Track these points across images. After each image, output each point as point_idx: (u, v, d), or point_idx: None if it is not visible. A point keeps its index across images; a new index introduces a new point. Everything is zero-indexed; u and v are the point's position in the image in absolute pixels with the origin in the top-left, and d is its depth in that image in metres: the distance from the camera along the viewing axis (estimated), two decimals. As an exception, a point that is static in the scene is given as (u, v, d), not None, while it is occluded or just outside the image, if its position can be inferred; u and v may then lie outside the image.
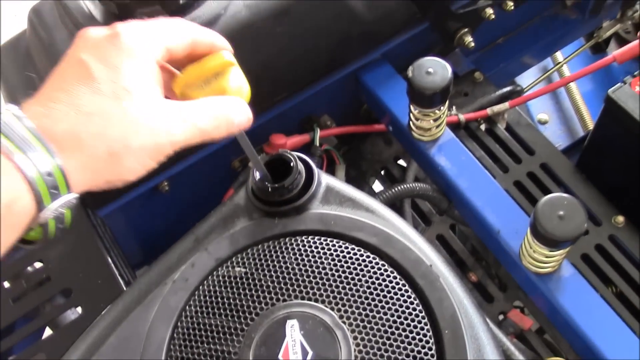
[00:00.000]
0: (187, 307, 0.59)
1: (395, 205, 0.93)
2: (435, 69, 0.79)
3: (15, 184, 0.42)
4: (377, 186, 1.04)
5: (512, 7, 0.98)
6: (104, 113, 0.46)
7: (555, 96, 1.39)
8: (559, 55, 1.35)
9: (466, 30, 0.98)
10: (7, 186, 0.42)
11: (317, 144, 0.95)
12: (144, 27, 0.51)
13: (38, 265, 0.84)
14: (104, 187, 0.48)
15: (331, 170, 0.98)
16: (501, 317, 0.86)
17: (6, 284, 0.82)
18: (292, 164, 0.64)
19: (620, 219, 0.87)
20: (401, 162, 1.04)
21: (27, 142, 0.43)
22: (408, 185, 0.86)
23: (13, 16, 2.71)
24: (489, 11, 0.96)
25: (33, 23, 0.83)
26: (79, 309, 0.78)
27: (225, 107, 0.52)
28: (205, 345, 0.56)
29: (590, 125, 1.30)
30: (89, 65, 0.47)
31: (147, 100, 0.48)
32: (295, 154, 0.66)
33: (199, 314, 0.58)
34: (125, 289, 0.76)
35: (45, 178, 0.43)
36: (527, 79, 1.36)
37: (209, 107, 0.51)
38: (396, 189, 0.85)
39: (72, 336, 0.62)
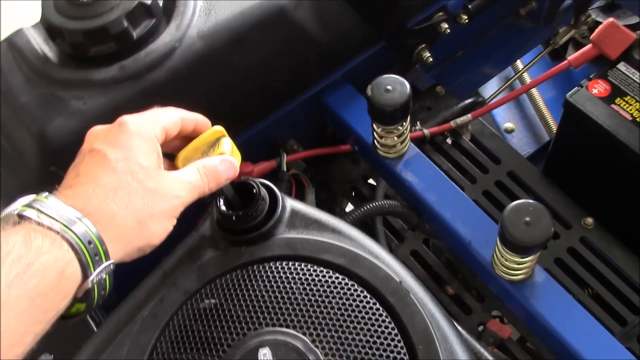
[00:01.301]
0: (158, 344, 0.58)
1: (367, 224, 0.92)
2: (393, 86, 0.79)
3: (64, 253, 0.48)
4: (349, 207, 1.04)
5: (467, 20, 0.99)
6: (125, 187, 0.53)
7: (519, 105, 1.41)
8: (520, 63, 1.37)
9: (424, 46, 0.99)
10: (58, 256, 0.47)
11: (285, 169, 0.94)
12: (144, 114, 0.59)
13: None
14: (136, 256, 0.55)
15: (301, 194, 0.98)
16: (481, 328, 0.86)
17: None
18: (255, 191, 0.64)
19: (590, 220, 0.88)
20: (371, 180, 1.05)
21: (68, 219, 0.49)
22: (377, 203, 0.86)
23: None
24: (444, 26, 0.97)
25: (-12, 69, 0.82)
26: (52, 356, 0.76)
27: (213, 165, 0.60)
28: (179, 381, 0.55)
29: (555, 129, 1.31)
30: (103, 151, 0.55)
31: (156, 172, 0.56)
32: (258, 180, 0.65)
33: (171, 350, 0.57)
34: (95, 329, 0.75)
35: (87, 246, 0.49)
36: (490, 89, 1.38)
37: (200, 166, 0.60)
38: (365, 207, 0.85)
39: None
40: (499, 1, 1.02)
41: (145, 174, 0.55)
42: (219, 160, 0.61)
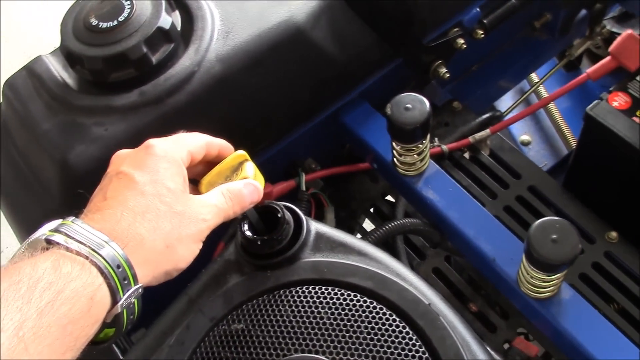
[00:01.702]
0: (186, 372, 0.58)
1: (387, 242, 0.92)
2: (413, 104, 0.79)
3: (93, 279, 0.47)
4: (368, 224, 1.03)
5: (482, 35, 0.99)
6: (153, 211, 0.53)
7: (535, 117, 1.40)
8: (535, 76, 1.36)
9: (440, 62, 0.99)
10: (88, 282, 0.47)
11: (304, 189, 0.94)
12: (170, 138, 0.59)
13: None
14: (163, 280, 0.55)
15: (320, 213, 0.97)
16: (506, 345, 0.85)
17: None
18: (279, 215, 0.63)
19: (614, 234, 0.87)
20: (390, 197, 1.04)
21: (97, 243, 0.49)
22: (398, 222, 0.86)
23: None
24: (460, 41, 0.97)
25: (8, 97, 0.82)
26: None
27: (237, 189, 0.60)
28: (208, 410, 0.55)
29: (573, 142, 1.31)
30: (130, 174, 0.55)
31: (183, 195, 0.56)
32: (282, 203, 0.65)
33: (199, 378, 0.57)
34: (121, 357, 0.75)
35: (116, 270, 0.49)
36: (505, 102, 1.37)
37: (224, 190, 0.60)
38: (387, 227, 0.84)
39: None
40: (514, 15, 1.02)
41: (172, 197, 0.55)
42: (243, 184, 0.61)
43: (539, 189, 0.93)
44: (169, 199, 0.55)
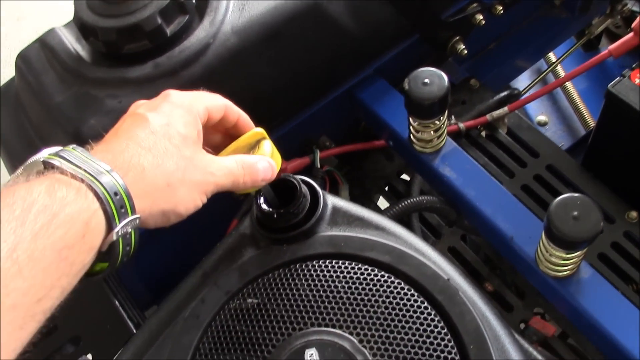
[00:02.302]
0: (201, 345, 0.57)
1: (402, 220, 0.91)
2: (431, 79, 0.77)
3: (89, 204, 0.46)
4: (382, 203, 1.02)
5: (502, 11, 0.97)
6: (160, 149, 0.52)
7: (552, 97, 1.38)
8: (552, 55, 1.34)
9: (458, 38, 0.97)
10: (83, 207, 0.46)
11: (318, 166, 0.93)
12: (189, 92, 0.59)
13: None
14: (159, 221, 0.53)
15: (334, 191, 0.96)
16: (522, 325, 0.84)
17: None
18: (296, 188, 0.62)
19: (634, 214, 0.86)
20: (404, 176, 1.03)
21: (95, 169, 0.48)
22: (415, 199, 0.85)
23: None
24: (479, 17, 0.95)
25: (21, 69, 0.81)
26: (90, 356, 0.76)
27: (252, 161, 0.59)
28: (223, 383, 0.54)
29: (591, 122, 1.29)
30: (144, 114, 0.54)
31: (195, 144, 0.56)
32: (299, 177, 0.64)
33: (214, 351, 0.56)
34: (135, 331, 0.74)
35: (113, 197, 0.47)
36: (522, 82, 1.35)
37: (239, 158, 0.59)
38: (403, 204, 0.83)
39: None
40: (534, -9, 1.00)
41: (183, 142, 0.54)
42: (258, 158, 0.60)
43: (558, 168, 0.92)
44: (178, 142, 0.54)
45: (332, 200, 0.64)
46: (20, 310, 0.41)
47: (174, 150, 0.53)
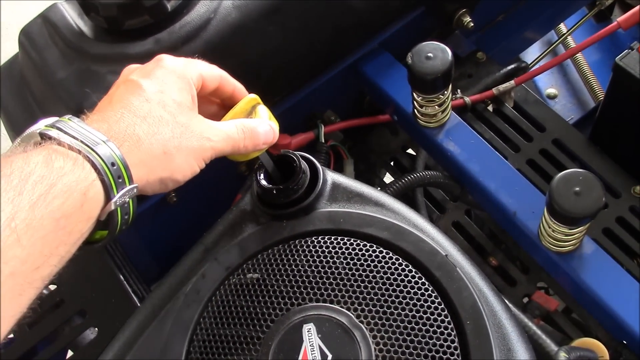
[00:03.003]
0: (202, 320, 0.58)
1: (407, 195, 0.91)
2: (434, 54, 0.77)
3: (87, 174, 0.46)
4: (388, 178, 1.02)
5: (509, -18, 0.96)
6: (155, 117, 0.52)
7: (562, 69, 1.36)
8: (563, 27, 1.32)
9: (464, 10, 0.96)
10: (81, 177, 0.46)
11: (323, 141, 0.93)
12: (183, 58, 0.59)
13: (52, 287, 0.83)
14: (157, 188, 0.54)
15: (339, 166, 0.96)
16: (526, 299, 0.84)
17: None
18: (295, 164, 0.62)
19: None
20: (410, 151, 1.03)
21: (92, 140, 0.48)
22: (418, 174, 0.84)
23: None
24: (486, -12, 0.94)
25: (24, 45, 0.82)
26: (95, 329, 0.77)
27: (252, 125, 0.60)
28: (223, 356, 0.55)
29: (601, 95, 1.27)
30: (138, 81, 0.54)
31: (190, 111, 0.55)
32: (299, 153, 0.64)
33: (214, 325, 0.57)
34: (139, 305, 0.75)
35: (110, 168, 0.48)
36: (532, 54, 1.33)
37: (239, 122, 0.59)
38: (406, 179, 0.83)
39: (91, 356, 0.61)
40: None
41: (177, 108, 0.54)
42: (259, 122, 0.61)
43: (564, 142, 0.91)
44: (173, 109, 0.54)
45: (331, 177, 0.65)
46: (19, 278, 0.42)
47: (169, 117, 0.53)
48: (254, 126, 0.60)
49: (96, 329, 0.78)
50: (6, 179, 0.43)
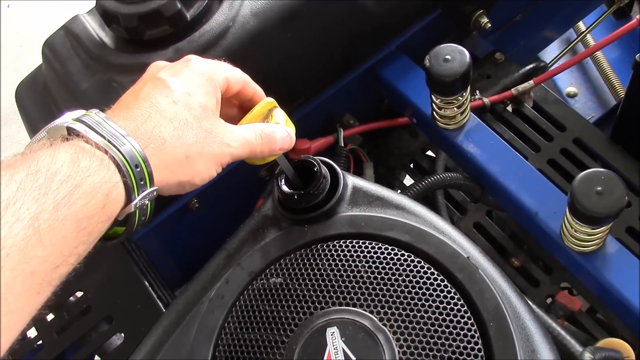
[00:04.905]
0: (226, 325, 0.59)
1: (427, 197, 0.91)
2: (452, 56, 0.77)
3: (111, 175, 0.47)
4: (408, 180, 1.02)
5: (527, -18, 0.95)
6: (181, 119, 0.53)
7: (582, 68, 1.35)
8: (582, 25, 1.31)
9: (481, 11, 0.96)
10: (105, 178, 0.46)
11: (342, 144, 0.93)
12: (210, 60, 0.59)
13: (79, 294, 0.84)
14: (174, 191, 0.54)
15: (359, 170, 0.97)
16: (549, 300, 0.83)
17: (50, 317, 0.83)
18: (315, 169, 0.63)
19: (663, 186, 0.84)
20: (430, 153, 1.03)
21: (118, 139, 0.47)
22: (438, 176, 0.84)
23: (6, 7, 2.75)
24: (503, -11, 0.94)
25: (47, 57, 0.83)
26: (122, 335, 0.79)
27: (270, 129, 0.60)
28: (247, 361, 0.56)
29: (621, 92, 1.25)
30: (166, 80, 0.54)
31: (213, 115, 0.56)
32: (319, 158, 0.65)
33: (238, 330, 0.58)
34: (164, 311, 0.76)
35: (134, 170, 0.48)
36: (550, 53, 1.33)
37: (257, 127, 0.60)
38: (426, 181, 0.83)
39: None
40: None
41: (202, 112, 0.54)
42: (276, 127, 0.61)
43: (585, 141, 0.91)
44: (199, 113, 0.54)
45: (352, 181, 0.65)
46: (39, 277, 0.42)
47: (194, 121, 0.53)
48: (272, 131, 0.60)
49: (122, 334, 0.79)
50: (32, 176, 0.43)
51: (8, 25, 2.81)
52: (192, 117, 0.53)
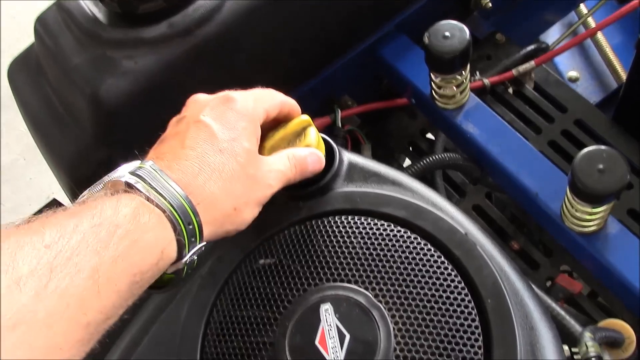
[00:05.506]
0: (218, 302, 0.58)
1: (426, 178, 0.89)
2: (452, 32, 0.75)
3: (167, 233, 0.48)
4: (407, 163, 1.01)
5: (528, -39, 0.94)
6: (228, 171, 0.52)
7: (584, 52, 1.33)
8: (583, 7, 1.29)
9: (482, -10, 0.94)
10: (161, 236, 0.47)
11: (340, 125, 0.92)
12: (250, 94, 0.58)
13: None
14: (219, 237, 0.54)
15: (357, 151, 0.95)
16: (549, 283, 0.82)
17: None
18: (311, 145, 0.61)
19: (666, 168, 0.83)
20: (429, 135, 1.01)
21: (174, 197, 0.48)
22: (437, 156, 0.83)
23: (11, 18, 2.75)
24: (504, -32, 0.92)
25: (39, 33, 0.82)
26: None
27: (302, 156, 0.59)
28: (239, 338, 0.55)
29: (624, 76, 1.24)
30: (210, 126, 0.53)
31: (256, 158, 0.55)
32: (314, 133, 0.63)
33: (230, 307, 0.57)
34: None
35: (186, 227, 0.49)
36: (552, 37, 1.31)
37: (291, 155, 0.58)
38: (425, 161, 0.82)
39: (109, 341, 0.61)
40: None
41: (247, 158, 0.54)
42: (308, 152, 0.60)
43: (587, 122, 0.89)
44: (244, 160, 0.53)
45: (348, 157, 0.64)
46: (92, 327, 0.43)
47: (240, 171, 0.53)
48: (304, 157, 0.59)
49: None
50: (95, 229, 0.44)
51: (5, 10, 2.79)
52: (238, 165, 0.53)
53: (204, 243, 0.51)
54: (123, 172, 0.49)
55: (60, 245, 0.42)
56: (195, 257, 0.51)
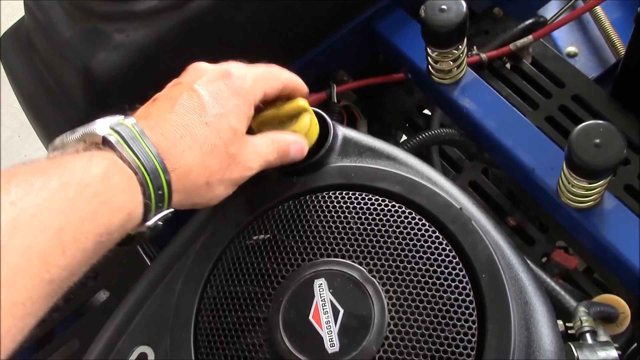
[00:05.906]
0: (212, 277, 0.57)
1: (422, 154, 0.89)
2: (448, 6, 0.74)
3: (136, 196, 0.47)
4: (403, 139, 1.00)
5: None
6: (209, 145, 0.52)
7: (582, 27, 1.32)
8: (583, -18, 1.27)
9: (480, -37, 0.93)
10: (131, 198, 0.47)
11: (335, 101, 0.91)
12: (251, 72, 0.56)
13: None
14: (186, 208, 0.53)
15: (352, 127, 0.93)
16: (545, 259, 0.82)
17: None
18: (305, 118, 0.61)
19: (663, 144, 0.82)
20: (426, 111, 1.00)
21: (149, 160, 0.48)
22: (433, 132, 0.82)
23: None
24: (502, -60, 0.91)
25: (30, 7, 0.80)
26: (107, 293, 0.77)
27: (286, 143, 0.58)
28: (233, 313, 0.54)
29: (622, 51, 1.23)
30: (203, 97, 0.53)
31: (241, 138, 0.54)
32: (309, 108, 0.62)
33: (224, 283, 0.56)
34: (149, 263, 0.75)
35: (156, 192, 0.48)
36: (550, 12, 1.29)
37: (275, 142, 0.57)
38: (420, 136, 0.81)
39: (103, 317, 0.61)
40: None
41: (231, 137, 0.53)
42: (293, 140, 0.59)
43: (584, 97, 0.88)
44: (227, 137, 0.53)
45: (342, 131, 0.63)
46: (55, 284, 0.43)
47: (222, 148, 0.52)
48: (288, 144, 0.58)
49: (107, 292, 0.78)
50: (63, 187, 0.43)
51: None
52: (221, 142, 0.52)
53: (172, 210, 0.51)
54: (102, 125, 0.48)
55: (26, 202, 0.41)
56: (160, 223, 0.50)
